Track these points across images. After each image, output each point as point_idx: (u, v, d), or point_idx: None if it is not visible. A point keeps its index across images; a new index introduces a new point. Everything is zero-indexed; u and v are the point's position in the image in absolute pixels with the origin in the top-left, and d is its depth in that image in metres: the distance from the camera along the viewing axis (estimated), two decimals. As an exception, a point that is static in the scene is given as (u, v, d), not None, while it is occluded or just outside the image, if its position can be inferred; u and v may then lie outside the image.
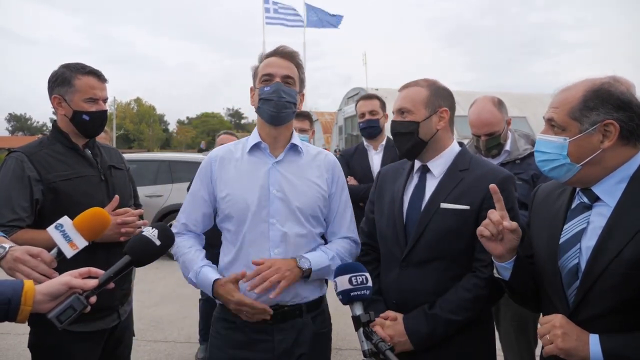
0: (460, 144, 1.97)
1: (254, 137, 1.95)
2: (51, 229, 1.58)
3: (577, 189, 1.51)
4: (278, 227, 1.84)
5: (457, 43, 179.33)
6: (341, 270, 1.60)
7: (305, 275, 1.83)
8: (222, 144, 4.41)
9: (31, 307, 1.31)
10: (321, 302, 1.98)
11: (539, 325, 1.44)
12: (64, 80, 2.12)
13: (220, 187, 1.90)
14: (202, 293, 4.30)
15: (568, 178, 1.46)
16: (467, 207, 1.76)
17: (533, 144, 2.73)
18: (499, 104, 2.68)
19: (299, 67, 1.95)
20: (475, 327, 1.79)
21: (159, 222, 1.65)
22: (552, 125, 1.47)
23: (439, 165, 1.87)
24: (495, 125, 2.61)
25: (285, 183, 1.88)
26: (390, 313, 1.84)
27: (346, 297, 1.55)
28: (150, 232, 1.53)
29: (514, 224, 1.51)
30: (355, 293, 1.54)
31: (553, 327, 1.38)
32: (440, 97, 1.87)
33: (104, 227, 1.68)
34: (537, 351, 2.71)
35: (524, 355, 2.74)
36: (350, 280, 1.55)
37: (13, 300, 1.29)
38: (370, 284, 1.57)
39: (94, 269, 1.45)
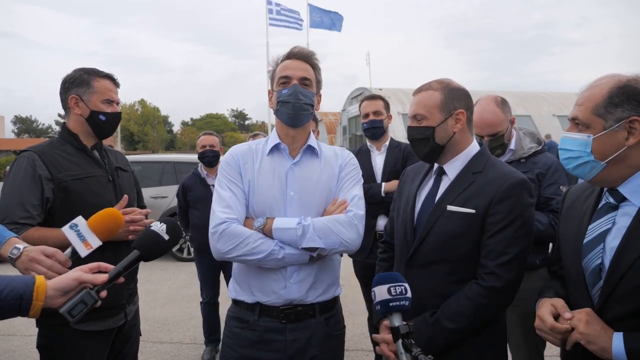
0: (480, 143, 1.91)
1: (273, 138, 1.94)
2: (66, 229, 1.60)
3: (605, 190, 1.49)
4: None
5: (460, 42, 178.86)
6: (380, 280, 1.56)
7: (266, 234, 1.78)
8: (202, 145, 4.44)
9: (43, 302, 1.33)
10: (335, 303, 1.97)
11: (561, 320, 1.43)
12: (82, 81, 2.18)
13: (244, 184, 1.89)
14: (202, 296, 4.32)
15: (593, 176, 1.44)
16: (473, 211, 1.73)
17: (539, 142, 2.70)
18: (502, 104, 2.63)
19: (316, 68, 1.95)
20: (484, 333, 1.76)
21: (167, 217, 1.64)
22: (576, 123, 1.45)
23: (454, 168, 1.85)
24: (498, 126, 2.57)
25: (301, 185, 1.88)
26: None
27: (384, 308, 1.52)
28: (159, 227, 1.54)
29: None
30: (395, 304, 1.51)
31: (579, 313, 1.38)
32: (455, 99, 1.82)
33: (117, 227, 1.71)
34: (546, 352, 2.71)
35: (532, 356, 2.72)
36: (389, 290, 1.52)
37: (25, 295, 1.31)
38: (409, 294, 1.53)
39: (103, 264, 1.47)
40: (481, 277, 1.72)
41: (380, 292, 1.54)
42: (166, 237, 1.53)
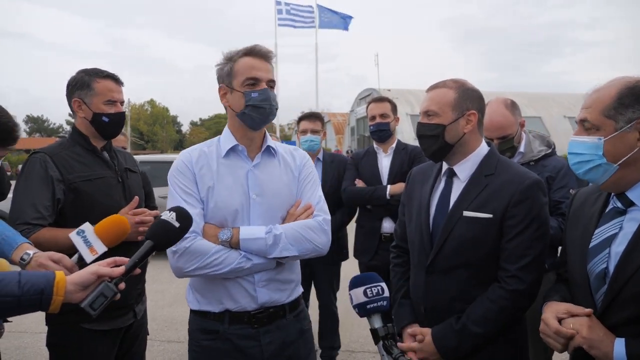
0: (489, 143, 1.91)
1: (228, 140, 1.85)
2: (73, 235, 1.63)
3: (612, 194, 1.48)
4: None
5: (470, 43, 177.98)
6: (355, 283, 1.54)
7: (233, 246, 1.73)
8: None
9: (63, 297, 1.35)
10: (300, 300, 1.94)
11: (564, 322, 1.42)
12: (83, 84, 2.19)
13: (201, 192, 1.80)
14: None
15: (605, 179, 1.43)
16: (490, 216, 1.72)
17: (548, 145, 2.68)
18: (512, 106, 2.62)
19: (272, 65, 1.87)
20: (508, 335, 1.77)
21: (176, 206, 1.65)
22: (585, 126, 1.44)
23: (465, 170, 1.83)
24: (507, 129, 2.56)
25: (263, 187, 1.82)
26: (417, 330, 1.83)
27: (362, 310, 1.50)
28: (169, 215, 1.56)
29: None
30: (372, 305, 1.49)
31: (581, 317, 1.38)
32: (468, 100, 1.81)
33: (124, 234, 1.73)
34: (556, 356, 2.69)
35: (539, 358, 2.70)
36: (365, 293, 1.50)
37: (46, 290, 1.33)
38: (387, 294, 1.52)
39: (119, 258, 1.49)
40: (503, 281, 1.72)
41: (356, 295, 1.52)
42: (177, 224, 1.55)
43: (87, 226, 1.64)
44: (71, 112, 2.26)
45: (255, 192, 1.81)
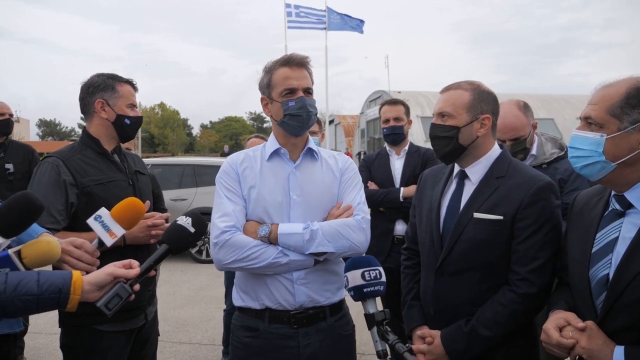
0: (501, 146, 1.90)
1: (272, 144, 1.94)
2: (91, 221, 1.66)
3: (611, 196, 1.46)
4: None
5: (483, 46, 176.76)
6: (353, 265, 1.51)
7: (272, 242, 1.77)
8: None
9: (80, 296, 1.40)
10: (343, 304, 1.97)
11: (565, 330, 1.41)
12: (107, 86, 2.25)
13: (244, 191, 1.89)
14: (227, 303, 4.34)
15: (601, 177, 1.41)
16: (501, 218, 1.72)
17: (561, 147, 2.67)
18: (525, 108, 2.61)
19: (310, 72, 1.93)
20: (518, 338, 1.76)
21: (192, 210, 1.68)
22: (589, 122, 1.42)
23: (477, 172, 1.83)
24: (520, 130, 2.55)
25: (303, 187, 1.88)
26: (426, 332, 1.83)
27: (358, 294, 1.48)
28: (185, 221, 1.59)
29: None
30: (369, 289, 1.47)
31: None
32: (483, 102, 1.80)
33: (139, 216, 1.75)
34: None
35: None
36: (362, 275, 1.47)
37: (63, 289, 1.38)
38: (384, 279, 1.49)
39: (134, 261, 1.52)
40: (514, 284, 1.71)
41: (354, 278, 1.48)
42: (192, 229, 1.59)
43: (103, 211, 1.67)
44: (84, 115, 2.30)
45: (295, 192, 1.87)
